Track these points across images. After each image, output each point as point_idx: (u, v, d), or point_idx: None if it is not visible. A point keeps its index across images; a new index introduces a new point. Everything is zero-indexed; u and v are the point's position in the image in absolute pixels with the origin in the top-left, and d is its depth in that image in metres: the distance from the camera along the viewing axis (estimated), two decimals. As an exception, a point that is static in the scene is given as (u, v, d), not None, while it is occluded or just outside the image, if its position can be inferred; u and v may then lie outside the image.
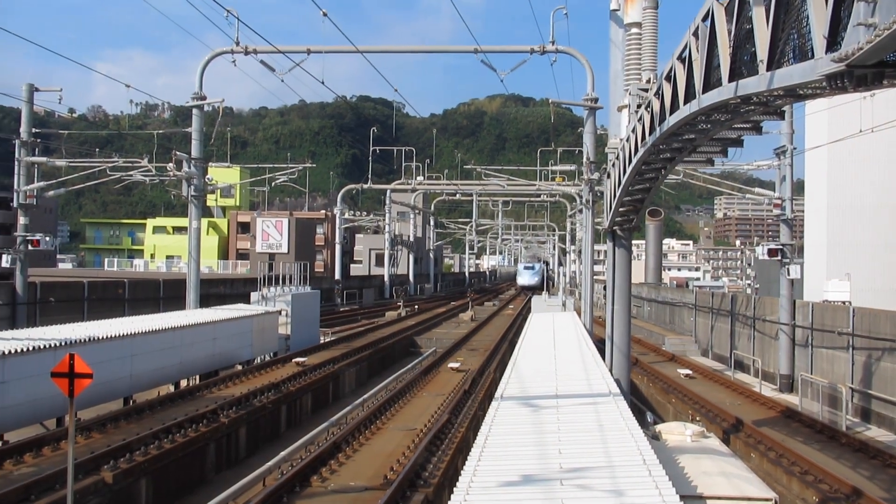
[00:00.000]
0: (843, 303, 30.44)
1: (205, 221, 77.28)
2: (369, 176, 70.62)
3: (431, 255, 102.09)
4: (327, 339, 38.86)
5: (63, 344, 18.91)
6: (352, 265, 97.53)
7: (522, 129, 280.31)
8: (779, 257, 31.17)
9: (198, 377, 26.95)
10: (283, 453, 16.65)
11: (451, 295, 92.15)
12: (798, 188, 34.14)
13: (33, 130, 34.05)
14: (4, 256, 33.71)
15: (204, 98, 33.31)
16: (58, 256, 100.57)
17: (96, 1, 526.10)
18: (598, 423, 11.49)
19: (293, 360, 30.20)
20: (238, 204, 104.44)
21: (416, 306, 64.15)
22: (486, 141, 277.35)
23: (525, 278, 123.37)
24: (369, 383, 31.13)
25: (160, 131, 44.67)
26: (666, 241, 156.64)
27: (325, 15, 25.54)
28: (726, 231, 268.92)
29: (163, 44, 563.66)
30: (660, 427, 14.88)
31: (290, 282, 37.72)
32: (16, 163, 33.65)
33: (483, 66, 31.42)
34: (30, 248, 33.77)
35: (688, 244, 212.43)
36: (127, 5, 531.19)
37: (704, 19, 11.00)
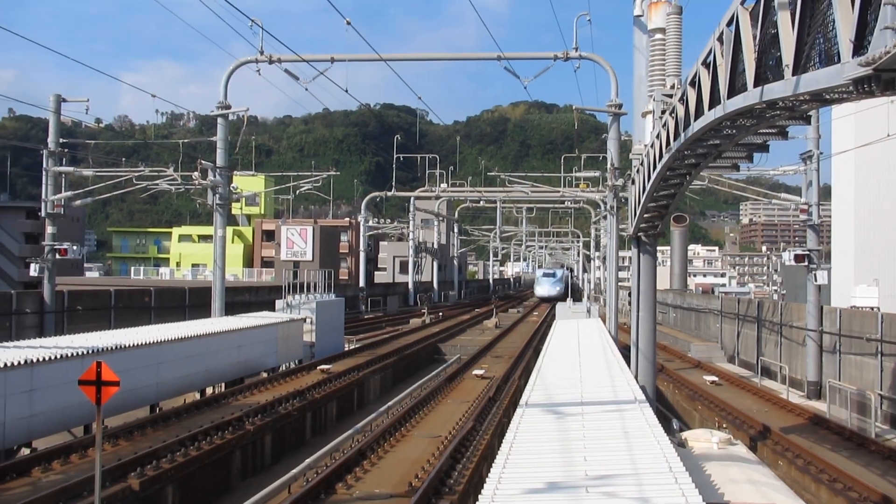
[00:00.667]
0: (872, 308, 30.14)
1: (230, 230, 77.70)
2: (393, 183, 70.79)
3: (455, 263, 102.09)
4: (352, 347, 38.93)
5: (90, 352, 19.05)
6: (376, 273, 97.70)
7: (546, 135, 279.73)
8: (806, 263, 30.92)
9: (223, 385, 27.07)
10: (308, 460, 16.68)
11: (475, 302, 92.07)
12: (825, 193, 33.86)
13: (61, 141, 34.41)
14: (33, 265, 34.05)
15: (229, 107, 33.54)
16: (85, 265, 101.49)
17: (125, 13, 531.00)
18: (623, 431, 11.43)
19: (318, 368, 30.27)
20: (263, 212, 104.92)
21: (441, 313, 64.14)
22: (510, 148, 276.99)
23: (544, 288, 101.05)
24: (394, 390, 31.14)
25: (185, 140, 45.00)
26: (691, 246, 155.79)
27: (348, 24, 25.64)
28: (752, 237, 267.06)
29: (190, 54, 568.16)
30: (686, 434, 14.79)
31: (315, 289, 37.83)
32: (43, 173, 34.00)
33: (506, 73, 31.45)
34: (57, 257, 34.09)
35: (713, 250, 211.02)
36: (155, 16, 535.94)
37: (729, 24, 10.94)
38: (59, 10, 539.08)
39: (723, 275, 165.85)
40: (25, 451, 17.55)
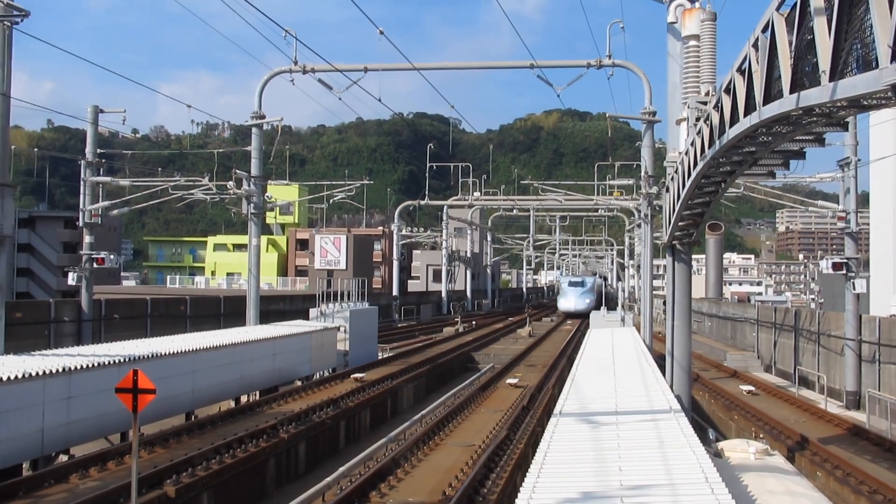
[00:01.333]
0: (912, 317, 29.72)
1: (264, 239, 78.20)
2: (426, 192, 70.92)
3: (489, 271, 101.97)
4: (385, 355, 38.99)
5: (127, 360, 19.24)
6: (409, 281, 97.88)
7: (579, 143, 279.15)
8: (844, 271, 30.54)
9: (258, 393, 27.22)
10: (342, 469, 16.71)
11: (508, 310, 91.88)
12: (863, 200, 33.46)
13: (98, 151, 34.87)
14: (71, 274, 34.49)
15: (263, 117, 33.79)
16: (122, 274, 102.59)
17: (161, 24, 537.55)
18: (658, 440, 11.34)
19: (352, 376, 30.34)
20: (297, 221, 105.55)
21: (474, 322, 64.09)
22: (543, 156, 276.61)
23: (569, 300, 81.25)
24: (427, 399, 31.14)
25: (220, 150, 45.43)
26: (727, 255, 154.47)
27: (381, 33, 25.76)
28: (789, 245, 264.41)
29: (226, 64, 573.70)
30: (722, 444, 14.63)
31: (349, 298, 37.95)
32: (81, 183, 34.45)
33: (539, 81, 31.48)
34: (95, 265, 34.51)
35: (749, 258, 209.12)
36: (193, 28, 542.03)
37: (764, 31, 10.85)
38: (95, 21, 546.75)
39: (759, 283, 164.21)
40: (63, 458, 17.74)
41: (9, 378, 15.68)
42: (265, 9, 18.03)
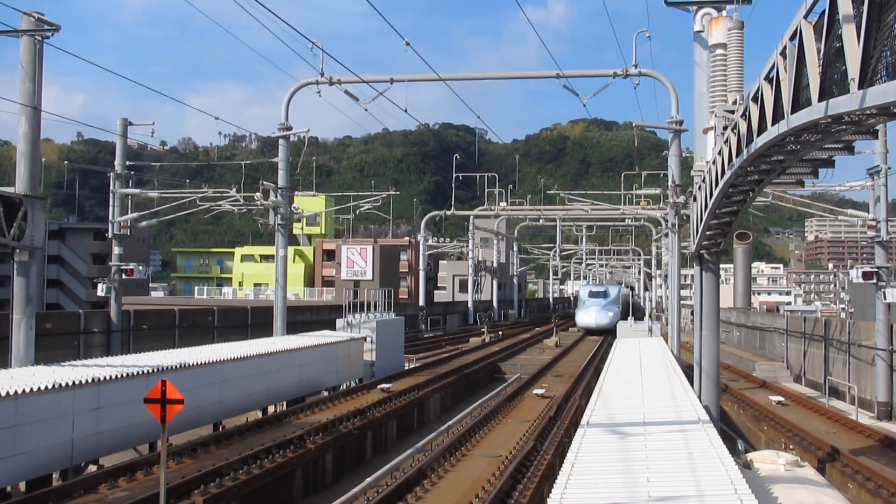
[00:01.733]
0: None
1: (291, 249, 78.60)
2: (452, 202, 71.03)
3: (515, 281, 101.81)
4: (412, 366, 38.99)
5: (155, 370, 19.37)
6: (436, 291, 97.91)
7: (606, 153, 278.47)
8: (874, 280, 30.22)
9: (285, 403, 27.30)
10: (368, 479, 16.71)
11: (535, 321, 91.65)
12: (893, 209, 33.11)
13: (127, 163, 35.19)
14: (100, 285, 34.81)
15: (290, 128, 33.98)
16: (150, 285, 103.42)
17: (187, 37, 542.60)
18: (687, 451, 11.25)
19: (378, 387, 30.37)
20: (323, 232, 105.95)
21: (500, 332, 63.97)
22: (569, 166, 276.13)
23: (590, 314, 68.55)
24: (454, 409, 31.09)
25: (247, 162, 45.75)
26: (755, 264, 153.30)
27: (407, 44, 25.86)
28: (818, 254, 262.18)
29: (254, 76, 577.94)
30: (751, 455, 14.50)
31: (375, 308, 38.02)
32: (110, 195, 34.80)
33: (565, 91, 31.40)
34: (124, 277, 34.81)
35: (778, 268, 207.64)
36: (221, 40, 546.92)
37: (792, 38, 10.77)
38: (122, 34, 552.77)
39: (788, 293, 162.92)
40: (93, 468, 17.87)
41: (39, 389, 15.83)
42: (292, 21, 18.20)
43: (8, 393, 15.04)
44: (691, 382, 20.96)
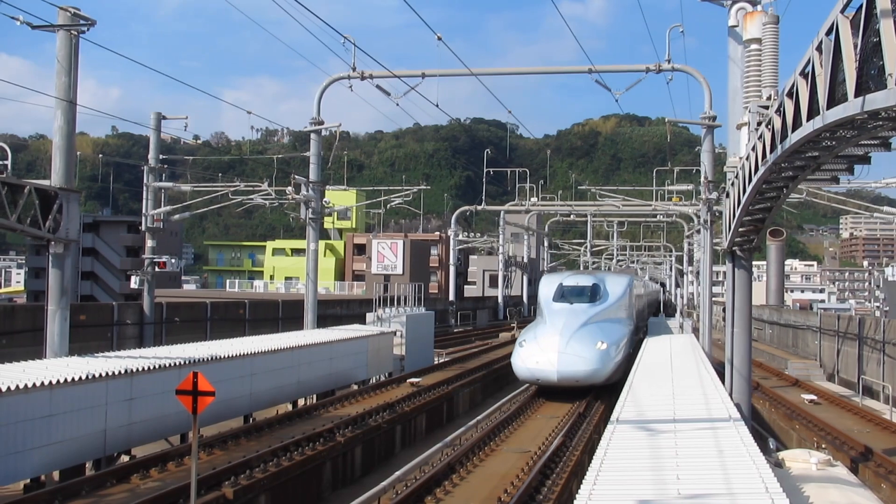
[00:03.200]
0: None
1: (322, 243, 78.92)
2: (483, 197, 70.93)
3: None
4: (441, 360, 39.03)
5: (187, 363, 19.53)
6: (466, 286, 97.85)
7: (638, 148, 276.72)
8: (910, 279, 29.82)
9: (315, 396, 27.43)
10: (397, 473, 16.74)
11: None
12: (930, 206, 32.66)
13: (161, 157, 35.48)
14: (133, 278, 35.15)
15: (322, 123, 34.09)
16: (183, 278, 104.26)
17: (220, 31, 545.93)
18: (717, 449, 11.18)
19: (408, 381, 30.42)
20: (354, 226, 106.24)
21: (530, 328, 63.76)
22: (601, 161, 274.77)
23: (547, 346, 26.64)
24: (483, 404, 31.09)
25: (279, 156, 45.99)
26: (788, 261, 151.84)
27: (439, 39, 25.83)
28: (853, 251, 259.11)
29: (287, 70, 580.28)
30: (783, 454, 14.39)
31: (405, 303, 38.09)
32: (144, 188, 35.12)
33: (597, 86, 31.23)
34: (157, 269, 35.12)
35: (812, 265, 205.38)
36: (256, 36, 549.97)
37: (828, 33, 10.65)
38: (158, 29, 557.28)
39: (822, 290, 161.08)
40: (125, 459, 18.06)
41: (73, 379, 16.01)
42: (324, 15, 18.19)
43: (43, 383, 15.24)
44: (722, 380, 20.82)
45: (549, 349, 26.15)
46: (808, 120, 11.85)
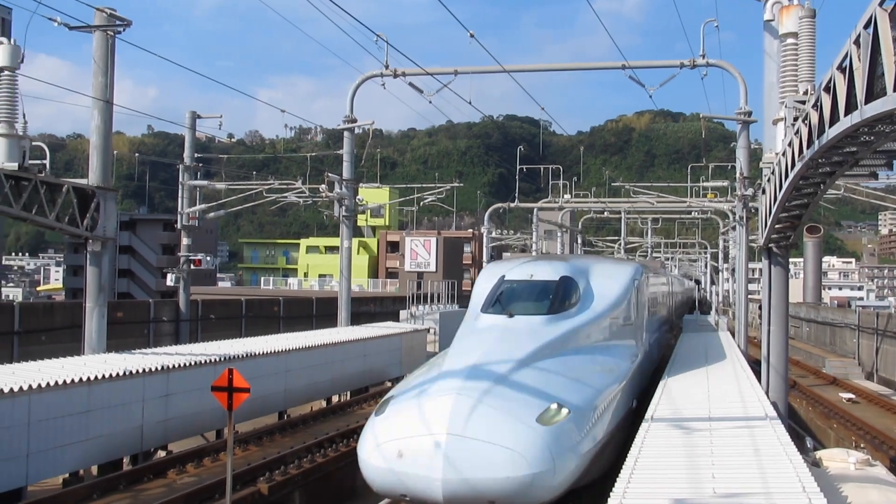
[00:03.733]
0: None
1: (356, 241, 79.17)
2: (516, 194, 70.72)
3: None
4: (475, 358, 38.95)
5: (222, 359, 19.67)
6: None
7: (672, 144, 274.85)
8: (950, 275, 29.37)
9: (349, 393, 27.53)
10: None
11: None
12: (971, 202, 32.15)
13: (196, 155, 35.77)
14: (169, 276, 35.48)
15: (355, 121, 34.16)
16: (218, 275, 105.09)
17: (251, 29, 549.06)
18: (753, 448, 11.09)
19: (441, 378, 30.39)
20: (387, 224, 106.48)
21: (564, 325, 63.39)
22: (635, 158, 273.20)
23: (438, 418, 11.75)
24: (516, 402, 30.99)
25: (313, 154, 46.14)
26: (826, 258, 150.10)
27: (472, 36, 25.76)
28: (892, 248, 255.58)
29: (322, 68, 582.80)
30: (820, 453, 14.23)
31: (439, 300, 38.13)
32: (179, 186, 35.41)
33: (631, 82, 31.02)
34: (192, 267, 35.42)
35: (850, 262, 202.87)
36: (290, 34, 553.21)
37: (867, 27, 10.51)
38: (193, 28, 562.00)
39: (860, 288, 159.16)
40: (161, 454, 18.24)
41: (111, 375, 16.19)
42: (356, 13, 18.22)
43: (81, 379, 15.43)
44: (758, 378, 20.64)
45: (431, 424, 11.77)
46: (845, 115, 11.70)
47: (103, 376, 15.99)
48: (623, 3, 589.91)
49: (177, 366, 18.28)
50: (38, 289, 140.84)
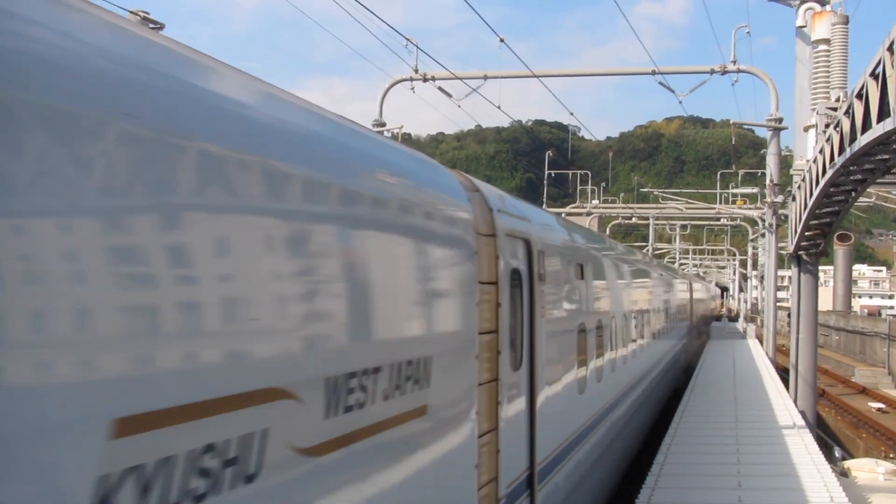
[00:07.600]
0: None
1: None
2: (544, 199, 70.65)
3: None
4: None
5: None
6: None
7: (702, 151, 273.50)
8: (984, 286, 29.04)
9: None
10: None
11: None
12: None
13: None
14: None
15: (384, 124, 34.27)
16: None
17: (272, 31, 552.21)
18: (781, 456, 11.03)
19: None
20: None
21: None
22: (664, 164, 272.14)
23: None
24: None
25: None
26: (856, 266, 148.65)
27: (501, 41, 25.79)
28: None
29: (357, 71, 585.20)
30: (849, 463, 14.13)
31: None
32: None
33: (660, 87, 30.90)
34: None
35: (881, 270, 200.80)
36: (328, 38, 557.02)
37: (899, 33, 10.44)
38: (216, 29, 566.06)
39: (891, 296, 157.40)
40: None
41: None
42: (385, 17, 18.34)
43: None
44: (787, 386, 20.52)
45: None
46: (878, 122, 11.63)
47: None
48: (667, 5, 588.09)
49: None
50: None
